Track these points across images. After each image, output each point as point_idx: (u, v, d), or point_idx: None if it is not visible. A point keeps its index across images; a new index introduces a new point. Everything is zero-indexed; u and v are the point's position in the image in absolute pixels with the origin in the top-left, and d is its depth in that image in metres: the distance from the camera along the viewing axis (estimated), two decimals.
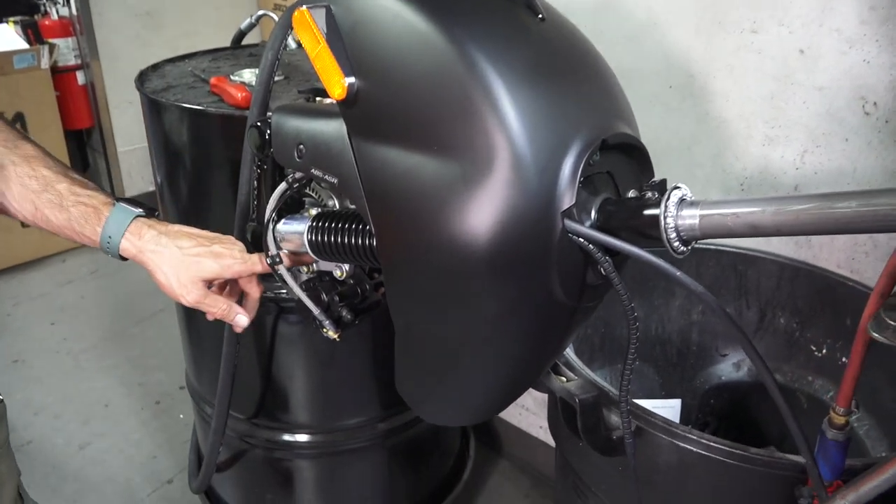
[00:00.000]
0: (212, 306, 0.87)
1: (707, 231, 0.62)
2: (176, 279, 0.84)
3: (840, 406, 0.74)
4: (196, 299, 0.85)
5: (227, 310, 0.88)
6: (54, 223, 0.84)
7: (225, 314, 0.88)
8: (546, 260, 0.64)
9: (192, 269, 0.83)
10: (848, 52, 1.18)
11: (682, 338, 1.43)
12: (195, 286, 0.84)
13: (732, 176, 1.37)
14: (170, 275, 0.84)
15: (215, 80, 1.28)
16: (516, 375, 0.76)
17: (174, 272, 0.83)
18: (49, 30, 3.20)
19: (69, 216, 0.83)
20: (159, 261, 0.84)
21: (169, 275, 0.84)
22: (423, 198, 0.65)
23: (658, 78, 1.41)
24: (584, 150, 0.64)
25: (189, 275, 0.83)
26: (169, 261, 0.83)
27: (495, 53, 0.64)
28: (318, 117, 0.78)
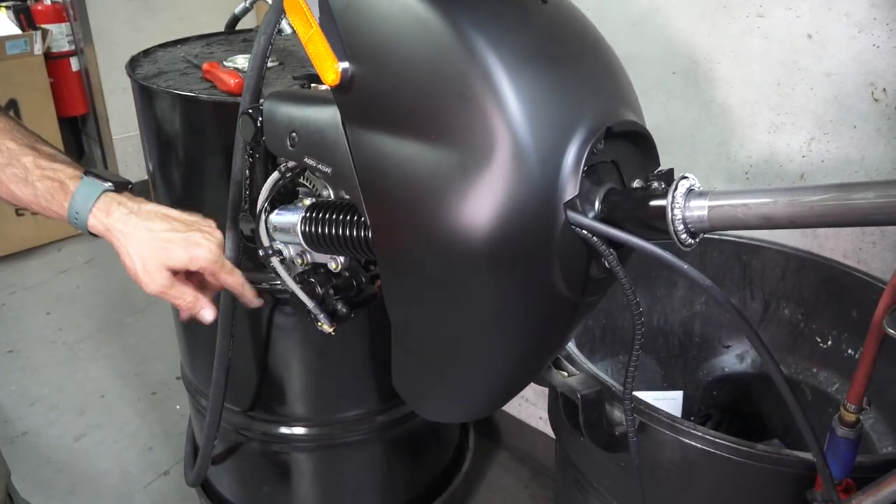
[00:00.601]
0: (176, 297, 0.81)
1: (716, 223, 0.59)
2: (141, 264, 0.78)
3: (851, 403, 0.72)
4: (159, 289, 0.79)
5: (193, 302, 0.82)
6: (21, 198, 0.80)
7: (190, 306, 0.82)
8: (548, 253, 0.62)
9: (159, 255, 0.78)
10: (857, 37, 1.15)
11: (684, 329, 1.41)
12: (159, 274, 0.78)
13: (737, 164, 1.34)
14: (135, 258, 0.78)
15: (208, 66, 1.24)
16: (517, 371, 0.74)
17: (140, 256, 0.78)
18: (42, 15, 3.15)
19: (35, 191, 0.79)
20: (126, 242, 0.78)
21: (134, 258, 0.78)
22: (419, 188, 0.63)
23: (661, 64, 1.38)
24: (588, 139, 0.61)
25: (155, 261, 0.78)
26: (136, 243, 0.78)
27: (495, 37, 0.61)
28: (311, 104, 0.75)
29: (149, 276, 0.78)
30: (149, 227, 0.78)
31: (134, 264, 0.78)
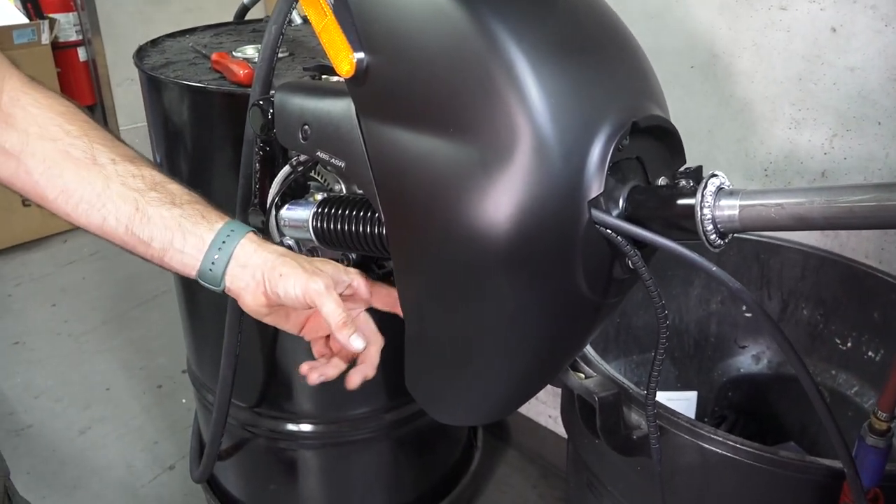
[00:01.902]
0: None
1: (748, 223, 0.57)
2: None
3: (883, 411, 0.69)
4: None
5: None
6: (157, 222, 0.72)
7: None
8: (570, 252, 0.59)
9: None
10: (883, 31, 1.11)
11: (699, 328, 1.38)
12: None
13: (756, 161, 1.31)
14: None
15: (217, 57, 1.22)
16: (534, 374, 0.72)
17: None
18: (49, 4, 3.14)
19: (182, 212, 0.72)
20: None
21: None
22: (437, 184, 0.60)
23: (680, 57, 1.35)
24: (614, 134, 0.59)
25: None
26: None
27: (518, 27, 0.58)
28: (324, 96, 0.73)
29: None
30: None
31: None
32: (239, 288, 0.71)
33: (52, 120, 0.72)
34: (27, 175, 0.71)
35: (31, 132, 0.71)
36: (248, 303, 0.72)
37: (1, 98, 0.71)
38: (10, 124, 0.71)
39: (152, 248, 0.71)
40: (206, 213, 0.72)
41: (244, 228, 0.72)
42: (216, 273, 0.70)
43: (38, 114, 0.72)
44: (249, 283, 0.70)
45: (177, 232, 0.70)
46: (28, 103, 0.72)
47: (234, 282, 0.71)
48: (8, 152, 0.71)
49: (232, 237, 0.71)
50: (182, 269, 0.71)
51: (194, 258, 0.70)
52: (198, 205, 0.73)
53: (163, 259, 0.71)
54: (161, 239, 0.70)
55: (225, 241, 0.70)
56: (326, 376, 0.76)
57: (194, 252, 0.70)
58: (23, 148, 0.70)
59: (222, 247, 0.70)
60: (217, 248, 0.70)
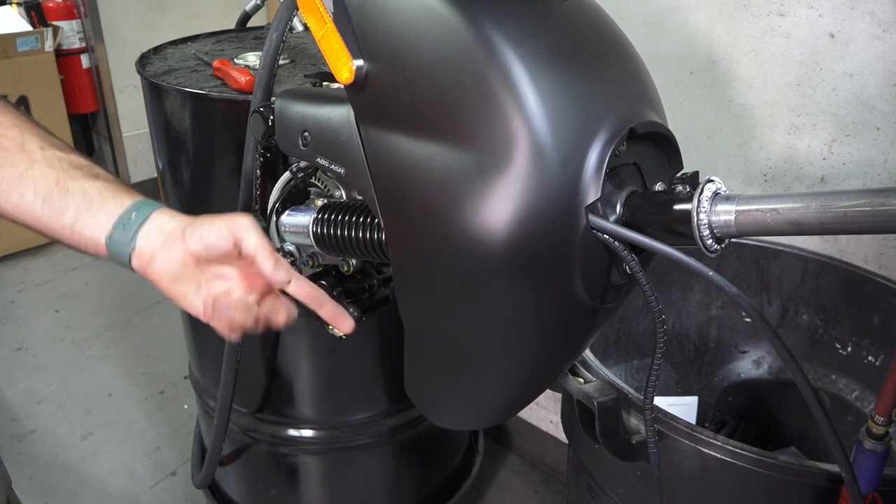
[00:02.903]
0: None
1: (744, 228, 0.57)
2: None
3: (880, 415, 0.69)
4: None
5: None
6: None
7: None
8: (568, 257, 0.60)
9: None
10: (881, 37, 1.12)
11: (700, 333, 1.39)
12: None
13: (755, 166, 1.32)
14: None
15: (218, 64, 1.23)
16: (533, 378, 0.72)
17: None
18: (53, 12, 3.15)
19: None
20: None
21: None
22: (436, 190, 0.61)
23: (679, 63, 1.36)
24: (611, 140, 0.59)
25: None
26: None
27: (515, 34, 0.59)
28: (324, 103, 0.74)
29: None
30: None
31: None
32: (152, 248, 0.69)
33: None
34: None
35: None
36: (160, 262, 0.69)
37: None
38: None
39: (65, 218, 0.69)
40: (130, 190, 0.72)
41: (160, 204, 0.72)
42: (127, 233, 0.68)
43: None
44: (167, 240, 0.69)
45: (95, 199, 0.69)
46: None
47: (147, 240, 0.69)
48: None
49: (150, 204, 0.70)
50: (91, 234, 0.69)
51: (108, 218, 0.69)
52: (122, 184, 0.72)
53: (73, 228, 0.69)
54: (77, 206, 0.69)
55: (143, 206, 0.70)
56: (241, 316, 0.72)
57: (109, 213, 0.69)
58: None
59: (139, 209, 0.69)
60: (134, 210, 0.69)
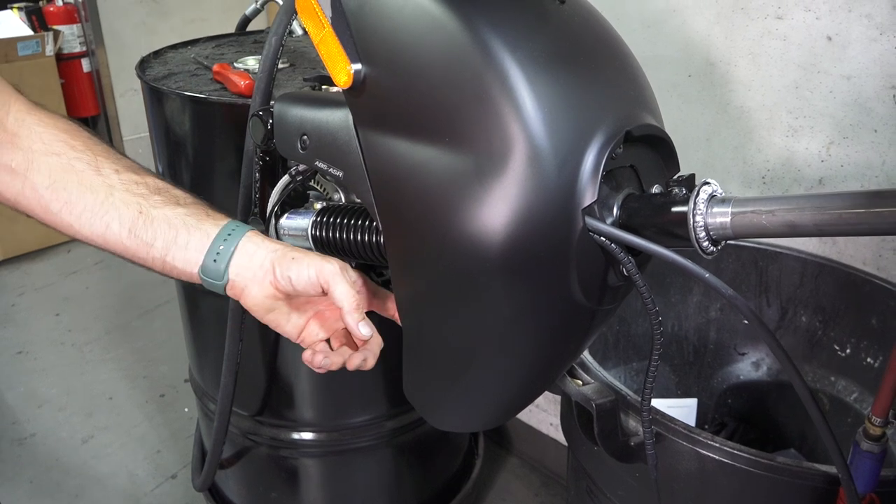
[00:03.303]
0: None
1: (739, 230, 0.58)
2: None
3: (876, 416, 0.69)
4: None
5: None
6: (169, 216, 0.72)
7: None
8: (565, 259, 0.60)
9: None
10: (878, 39, 1.12)
11: (699, 335, 1.39)
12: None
13: (754, 168, 1.32)
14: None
15: (218, 68, 1.23)
16: (531, 380, 0.72)
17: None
18: (54, 16, 3.16)
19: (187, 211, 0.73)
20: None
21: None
22: (433, 193, 0.61)
23: (677, 66, 1.36)
24: (608, 143, 0.60)
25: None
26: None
27: (512, 39, 0.59)
28: (322, 107, 0.74)
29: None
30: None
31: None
32: (244, 279, 0.70)
33: (56, 136, 0.73)
34: (32, 191, 0.72)
35: (35, 149, 0.72)
36: (253, 294, 0.71)
37: (7, 119, 0.72)
38: (15, 144, 0.72)
39: (154, 250, 0.71)
40: (211, 212, 0.73)
41: (247, 227, 0.73)
42: (220, 265, 0.70)
43: (42, 132, 0.73)
44: (257, 273, 0.70)
45: (181, 229, 0.71)
46: (33, 123, 0.73)
47: (239, 273, 0.70)
48: (13, 171, 0.72)
49: (237, 231, 0.71)
50: (184, 266, 0.71)
51: (198, 253, 0.70)
52: (202, 206, 0.74)
53: (164, 259, 0.71)
54: (164, 238, 0.70)
55: (231, 234, 0.71)
56: (332, 362, 0.75)
57: (198, 246, 0.70)
58: (28, 165, 0.72)
59: (227, 239, 0.70)
60: (222, 240, 0.70)
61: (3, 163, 0.72)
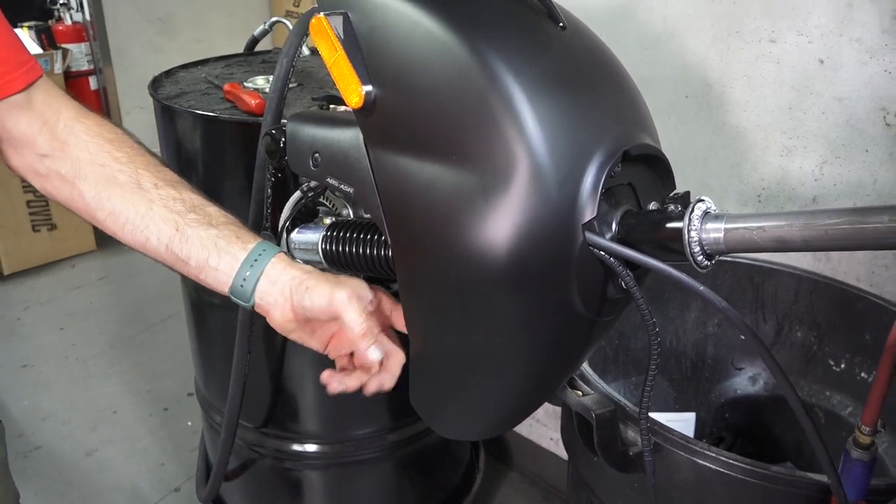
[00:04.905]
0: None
1: (732, 245, 0.60)
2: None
3: (866, 425, 0.72)
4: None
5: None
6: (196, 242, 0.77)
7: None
8: (566, 273, 0.63)
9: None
10: (868, 63, 1.16)
11: (697, 350, 1.41)
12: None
13: (749, 187, 1.35)
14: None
15: (229, 87, 1.27)
16: (533, 389, 0.75)
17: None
18: (63, 35, 3.21)
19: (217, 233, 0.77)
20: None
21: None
22: (440, 208, 0.64)
23: (674, 87, 1.40)
24: (606, 162, 0.63)
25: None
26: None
27: (516, 62, 0.62)
28: (334, 126, 0.77)
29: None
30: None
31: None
32: (268, 304, 0.75)
33: (101, 147, 0.78)
34: (80, 198, 0.78)
35: (82, 158, 0.77)
36: (276, 318, 0.75)
37: (57, 126, 0.78)
38: (64, 152, 0.77)
39: (189, 266, 0.76)
40: (241, 233, 0.77)
41: (275, 249, 0.77)
42: (247, 289, 0.74)
43: (89, 141, 0.78)
44: (278, 300, 0.74)
45: (212, 251, 0.75)
46: (81, 131, 0.79)
47: (263, 298, 0.75)
48: (64, 178, 0.78)
49: (263, 256, 0.75)
50: (216, 285, 0.76)
51: (227, 275, 0.75)
52: (233, 226, 0.78)
53: (199, 276, 0.76)
54: (198, 257, 0.75)
55: (256, 260, 0.75)
56: (346, 386, 0.78)
57: (227, 269, 0.75)
58: (76, 173, 0.77)
59: (253, 265, 0.75)
60: (249, 266, 0.75)
61: (54, 169, 0.78)
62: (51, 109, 0.78)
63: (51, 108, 0.78)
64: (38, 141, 0.78)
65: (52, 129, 0.78)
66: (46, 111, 0.78)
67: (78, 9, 3.27)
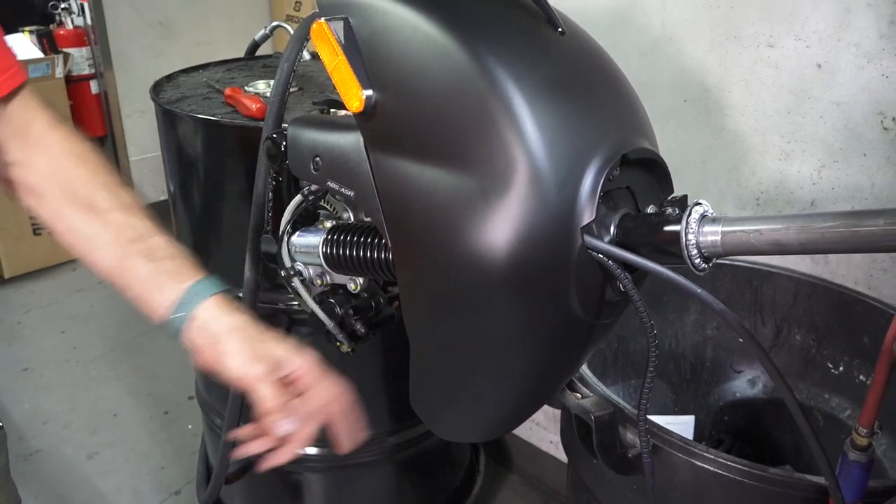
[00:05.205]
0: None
1: (729, 248, 0.61)
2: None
3: (863, 427, 0.72)
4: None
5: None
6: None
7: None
8: (565, 275, 0.64)
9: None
10: (866, 67, 1.17)
11: (696, 353, 1.42)
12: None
13: (748, 190, 1.36)
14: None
15: (230, 91, 1.28)
16: (532, 391, 0.75)
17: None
18: (64, 39, 3.22)
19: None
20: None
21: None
22: (440, 212, 0.65)
23: (673, 92, 1.41)
24: (605, 165, 0.63)
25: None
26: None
27: (515, 67, 0.63)
28: (334, 130, 0.78)
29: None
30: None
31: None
32: (194, 346, 0.76)
33: (66, 161, 0.79)
34: (44, 210, 0.80)
35: (44, 172, 0.79)
36: (199, 362, 0.77)
37: (30, 135, 0.79)
38: (31, 162, 0.79)
39: (130, 294, 0.78)
40: (180, 270, 0.78)
41: (210, 290, 0.77)
42: (175, 327, 0.76)
43: (57, 154, 0.79)
44: (203, 346, 0.76)
45: (148, 288, 0.77)
46: (50, 143, 0.80)
47: (191, 339, 0.76)
48: (32, 189, 0.79)
49: (196, 298, 0.76)
50: (152, 316, 0.77)
51: (158, 313, 0.76)
52: (175, 260, 0.78)
53: (138, 304, 0.78)
54: (136, 289, 0.77)
55: (189, 301, 0.76)
56: (249, 451, 0.81)
57: (158, 308, 0.76)
58: (41, 187, 0.79)
59: (184, 305, 0.75)
60: (180, 306, 0.75)
61: (21, 178, 0.79)
62: (26, 117, 0.79)
63: (26, 115, 0.79)
64: (10, 147, 0.78)
65: (24, 136, 0.78)
66: (21, 118, 0.79)
67: (79, 13, 3.27)
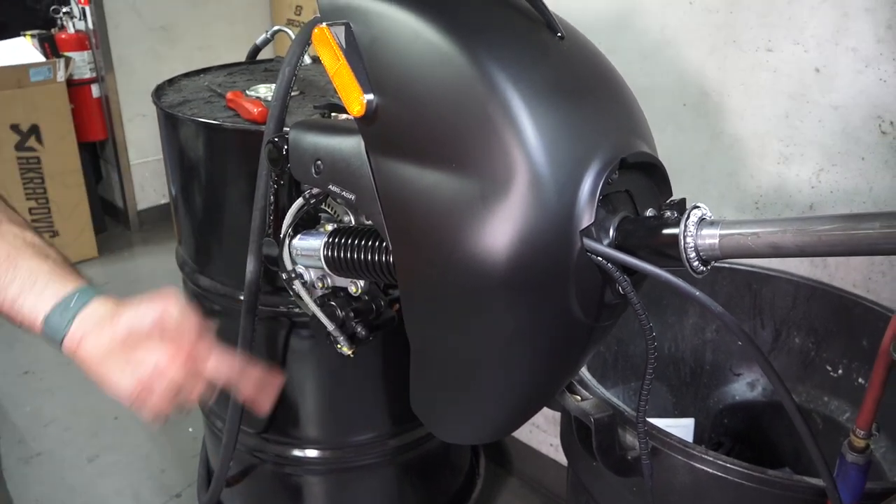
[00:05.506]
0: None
1: (727, 251, 0.61)
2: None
3: (860, 429, 0.73)
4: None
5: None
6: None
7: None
8: (564, 278, 0.64)
9: None
10: (864, 71, 1.17)
11: (695, 356, 1.42)
12: None
13: (747, 194, 1.37)
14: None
15: (231, 95, 1.28)
16: (532, 394, 0.76)
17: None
18: (65, 43, 3.23)
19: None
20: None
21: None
22: (441, 215, 0.65)
23: (672, 96, 1.41)
24: (604, 169, 0.64)
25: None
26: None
27: (515, 71, 0.64)
28: (336, 134, 0.78)
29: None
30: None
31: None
32: (83, 332, 0.73)
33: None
34: None
35: None
36: (88, 345, 0.75)
37: None
38: None
39: (9, 292, 0.73)
40: (75, 274, 0.76)
41: (96, 292, 0.75)
42: (64, 319, 0.73)
43: None
44: (97, 324, 0.74)
45: (41, 279, 0.73)
46: None
47: (79, 327, 0.73)
48: None
49: (89, 292, 0.74)
50: (30, 313, 0.73)
51: (48, 304, 0.73)
52: (69, 267, 0.77)
53: (14, 302, 0.73)
54: (22, 283, 0.73)
55: (82, 295, 0.73)
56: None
57: (51, 297, 0.73)
58: None
59: (79, 296, 0.73)
60: (74, 297, 0.73)
61: None
62: None
63: None
64: None
65: None
66: None
67: (81, 17, 3.28)
